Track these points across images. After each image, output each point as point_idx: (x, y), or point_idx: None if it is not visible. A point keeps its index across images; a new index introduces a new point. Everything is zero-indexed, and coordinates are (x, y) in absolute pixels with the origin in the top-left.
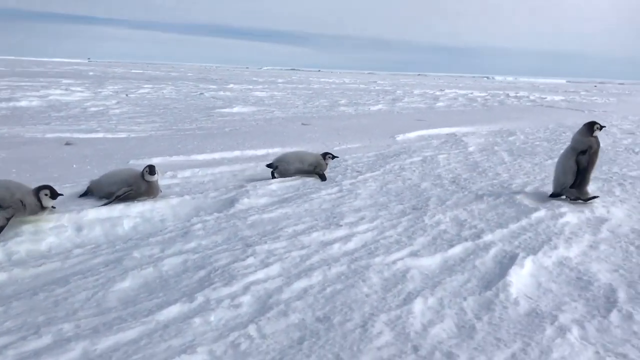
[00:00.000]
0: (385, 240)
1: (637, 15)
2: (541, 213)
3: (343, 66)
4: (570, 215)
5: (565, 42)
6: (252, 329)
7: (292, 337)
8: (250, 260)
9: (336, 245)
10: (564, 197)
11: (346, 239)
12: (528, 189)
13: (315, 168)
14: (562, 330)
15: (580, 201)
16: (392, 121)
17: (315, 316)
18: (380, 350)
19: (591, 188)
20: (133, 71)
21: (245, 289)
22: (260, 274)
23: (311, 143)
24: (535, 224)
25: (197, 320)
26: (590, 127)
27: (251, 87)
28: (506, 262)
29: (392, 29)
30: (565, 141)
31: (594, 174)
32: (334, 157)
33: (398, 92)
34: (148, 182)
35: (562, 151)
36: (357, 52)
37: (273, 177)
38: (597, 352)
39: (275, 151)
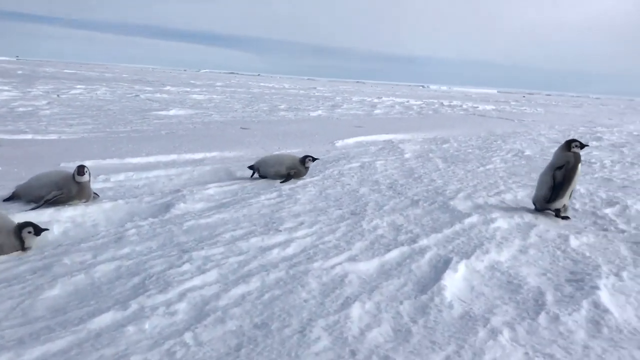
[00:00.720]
0: (324, 245)
1: (563, 30)
2: (474, 218)
3: (283, 71)
4: (501, 220)
5: (497, 54)
6: (188, 337)
7: (229, 344)
8: (186, 266)
9: (275, 251)
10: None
11: (285, 244)
12: (461, 195)
13: (291, 170)
14: (494, 333)
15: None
16: (332, 127)
17: (253, 323)
18: (318, 356)
19: (520, 194)
20: (65, 71)
21: (181, 295)
22: (197, 281)
23: (250, 147)
24: (468, 229)
25: (130, 329)
26: (569, 145)
27: (189, 89)
28: (441, 266)
29: (331, 36)
30: (496, 149)
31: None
32: (314, 159)
33: (337, 98)
34: (79, 184)
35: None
36: (297, 57)
37: (252, 175)
38: (527, 353)
39: (213, 155)
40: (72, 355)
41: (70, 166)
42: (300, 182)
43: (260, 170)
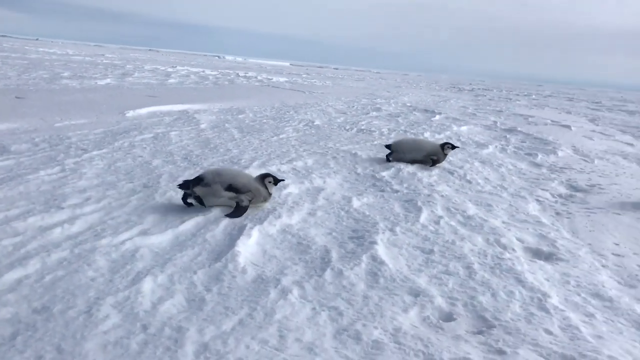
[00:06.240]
0: (113, 221)
1: (351, 8)
2: None
3: (66, 36)
4: (292, 186)
5: (291, 27)
6: None
7: (2, 334)
8: None
9: (57, 230)
10: None
11: (69, 221)
12: (256, 163)
13: (433, 157)
14: (284, 292)
15: None
16: (122, 97)
17: (32, 307)
18: (106, 334)
19: (309, 161)
20: None
21: None
22: None
23: (26, 119)
24: None
25: None
26: None
27: None
28: (235, 233)
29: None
30: (288, 119)
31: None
32: (453, 147)
33: (128, 66)
34: None
35: None
36: (82, 21)
37: (388, 160)
38: (314, 308)
39: None
40: None
41: None
42: (86, 155)
43: (394, 155)
